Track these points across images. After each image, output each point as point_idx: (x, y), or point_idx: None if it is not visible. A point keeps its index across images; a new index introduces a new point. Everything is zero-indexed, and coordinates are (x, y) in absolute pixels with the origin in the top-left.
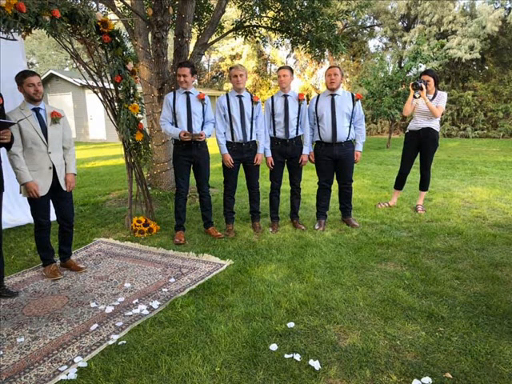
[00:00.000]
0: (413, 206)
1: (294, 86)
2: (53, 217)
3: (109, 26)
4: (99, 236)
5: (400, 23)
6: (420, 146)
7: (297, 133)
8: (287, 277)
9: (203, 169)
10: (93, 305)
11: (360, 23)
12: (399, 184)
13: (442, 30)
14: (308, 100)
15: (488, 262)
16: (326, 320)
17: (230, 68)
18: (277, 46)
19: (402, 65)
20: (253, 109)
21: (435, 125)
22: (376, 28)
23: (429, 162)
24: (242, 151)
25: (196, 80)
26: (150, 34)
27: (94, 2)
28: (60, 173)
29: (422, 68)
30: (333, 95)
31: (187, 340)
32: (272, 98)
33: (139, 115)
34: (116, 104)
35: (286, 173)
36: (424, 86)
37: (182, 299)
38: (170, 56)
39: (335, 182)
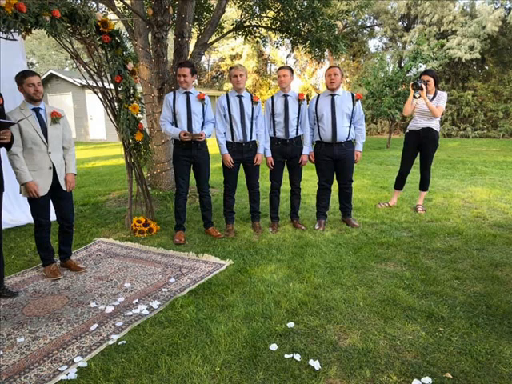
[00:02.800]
0: (413, 206)
1: (294, 86)
2: (53, 217)
3: (109, 26)
4: (99, 236)
5: (400, 23)
6: (420, 146)
7: (297, 133)
8: (287, 277)
9: (203, 169)
10: (93, 305)
11: (360, 23)
12: (399, 184)
13: (442, 29)
14: (308, 100)
15: (488, 261)
16: (326, 320)
17: (230, 68)
18: (277, 46)
19: (402, 65)
20: (253, 109)
21: (435, 125)
22: (376, 28)
23: (429, 162)
24: (242, 151)
25: (196, 80)
26: (150, 34)
27: (93, 2)
28: (60, 173)
29: (422, 68)
30: (333, 95)
31: (187, 340)
32: (272, 97)
33: (139, 115)
34: (116, 104)
35: (286, 173)
36: (424, 86)
37: (182, 299)
38: (170, 56)
39: (335, 182)
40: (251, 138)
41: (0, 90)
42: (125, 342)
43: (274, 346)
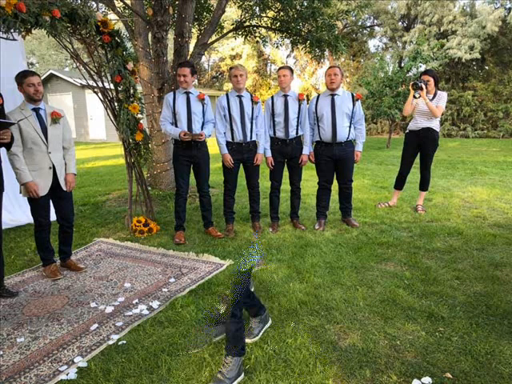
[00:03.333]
0: (413, 206)
1: (294, 86)
2: (53, 217)
3: (109, 26)
4: (99, 236)
5: (400, 23)
6: (420, 146)
7: (297, 133)
8: (287, 277)
9: (203, 169)
10: (93, 305)
11: (360, 23)
12: (399, 184)
13: (442, 29)
14: (308, 100)
15: (488, 261)
16: (326, 320)
17: (230, 68)
18: (277, 46)
19: (402, 65)
20: (253, 109)
21: (435, 125)
22: (376, 28)
23: (429, 162)
24: (241, 151)
25: (196, 80)
26: (150, 34)
27: (93, 2)
28: (60, 173)
29: (422, 68)
30: (333, 95)
31: (187, 340)
32: (272, 97)
33: (139, 115)
34: (116, 104)
35: (286, 173)
36: (424, 86)
37: (182, 299)
38: (170, 56)
39: (335, 182)
40: (251, 137)
41: (0, 90)
42: (125, 342)
43: None
